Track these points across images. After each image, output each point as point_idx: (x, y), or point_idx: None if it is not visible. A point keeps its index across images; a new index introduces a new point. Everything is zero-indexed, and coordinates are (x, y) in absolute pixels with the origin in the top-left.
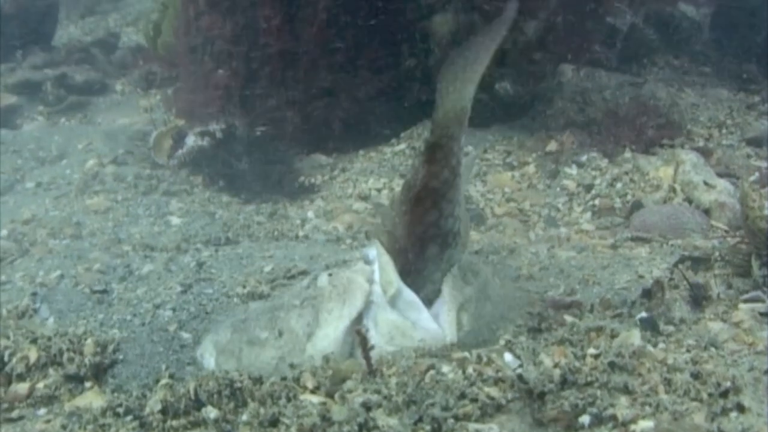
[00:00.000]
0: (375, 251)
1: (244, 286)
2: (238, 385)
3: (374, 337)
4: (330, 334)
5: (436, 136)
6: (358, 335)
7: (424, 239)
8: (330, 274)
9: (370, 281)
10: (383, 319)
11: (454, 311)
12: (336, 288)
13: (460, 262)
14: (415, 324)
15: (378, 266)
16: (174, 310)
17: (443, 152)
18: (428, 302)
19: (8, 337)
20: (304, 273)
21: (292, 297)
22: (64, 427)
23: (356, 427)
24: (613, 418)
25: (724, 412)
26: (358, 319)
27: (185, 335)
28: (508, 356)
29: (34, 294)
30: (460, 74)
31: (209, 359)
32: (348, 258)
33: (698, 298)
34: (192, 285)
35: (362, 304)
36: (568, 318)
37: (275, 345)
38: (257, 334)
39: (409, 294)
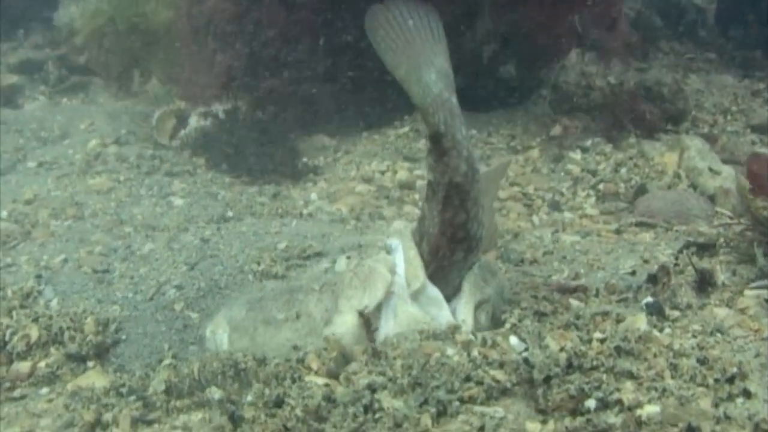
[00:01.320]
0: (398, 242)
1: (259, 264)
2: (243, 365)
3: (392, 328)
4: (348, 321)
5: (431, 127)
6: (361, 317)
7: (453, 242)
8: (348, 257)
9: (392, 272)
10: (403, 310)
11: (471, 307)
12: (357, 275)
13: (479, 262)
14: (435, 319)
15: (404, 259)
16: (179, 288)
17: (448, 140)
18: (447, 300)
19: (11, 317)
20: (319, 254)
21: (311, 280)
22: (66, 406)
23: (361, 409)
24: (619, 402)
25: (731, 397)
26: (377, 309)
27: (192, 315)
28: (513, 339)
29: (39, 276)
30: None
31: (222, 335)
32: (363, 242)
33: (704, 284)
34: (198, 262)
35: (382, 294)
36: (574, 302)
37: (292, 327)
38: (274, 315)
39: (433, 290)
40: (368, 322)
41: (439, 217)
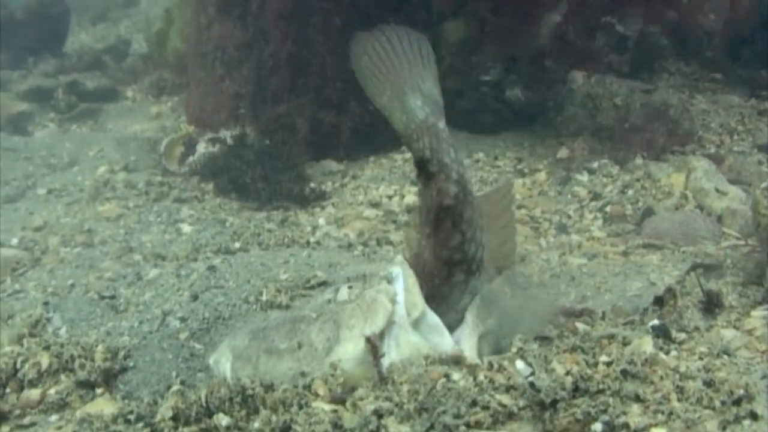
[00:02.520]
0: (399, 270)
1: (263, 294)
2: (250, 392)
3: (395, 357)
4: (350, 351)
5: (415, 153)
6: (368, 343)
7: (450, 265)
8: (350, 287)
9: (393, 302)
10: (405, 340)
11: (475, 338)
12: (359, 305)
13: (482, 292)
14: (437, 347)
15: (403, 287)
16: (183, 319)
17: (434, 165)
18: (450, 329)
19: (21, 345)
20: (324, 284)
21: (314, 309)
22: None
23: None
24: (626, 425)
25: (737, 420)
26: (380, 338)
27: (197, 345)
28: (519, 363)
29: (46, 303)
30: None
31: (225, 364)
32: (368, 271)
33: (711, 306)
34: (204, 292)
35: (384, 323)
36: (580, 325)
37: (293, 357)
38: (276, 344)
39: (433, 318)
40: (375, 348)
41: (431, 242)
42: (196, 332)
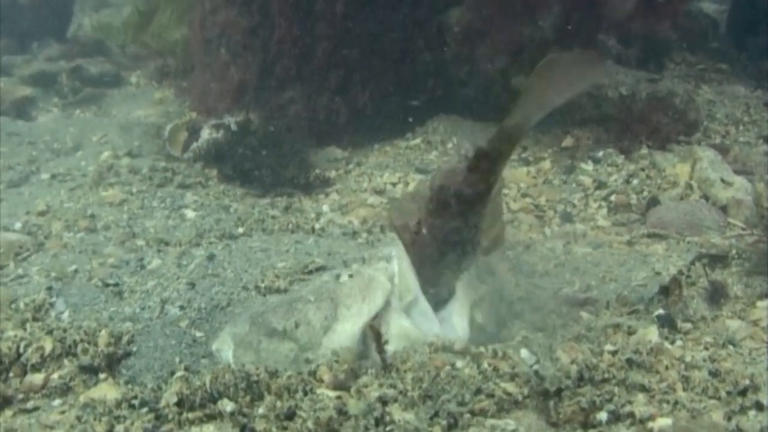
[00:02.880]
0: (395, 251)
1: (262, 280)
2: (255, 378)
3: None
4: (347, 330)
5: (491, 146)
6: (372, 331)
7: (444, 244)
8: (351, 276)
9: (392, 281)
10: (395, 323)
11: (467, 308)
12: (357, 284)
13: (474, 263)
14: (426, 334)
15: (398, 272)
16: (182, 308)
17: (489, 164)
18: (443, 302)
19: (24, 329)
20: (322, 269)
21: (311, 291)
22: (78, 418)
23: (372, 422)
24: (631, 415)
25: (743, 410)
26: (376, 317)
27: (198, 333)
28: (524, 352)
29: (50, 288)
30: (539, 96)
31: (227, 352)
32: (367, 255)
33: (716, 296)
34: (205, 278)
35: (382, 302)
36: (584, 315)
37: (292, 337)
38: (275, 326)
39: (424, 304)
40: (378, 334)
41: (435, 216)
42: (195, 320)
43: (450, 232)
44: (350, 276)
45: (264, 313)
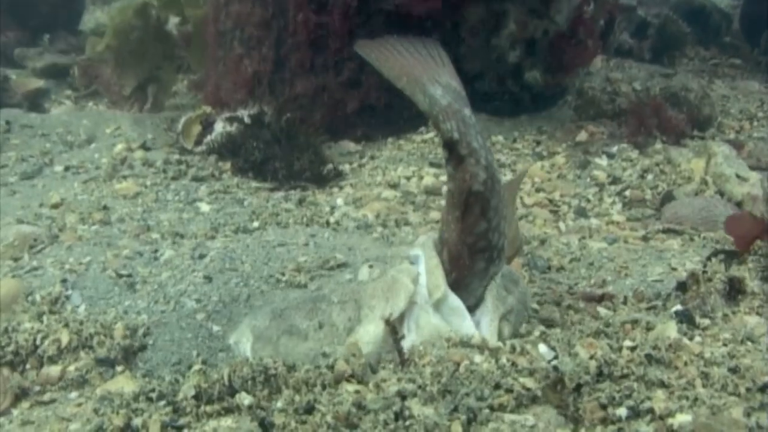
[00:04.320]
0: (420, 252)
1: (283, 274)
2: (273, 371)
3: (414, 339)
4: (371, 331)
5: (443, 133)
6: (387, 325)
7: (473, 251)
8: (371, 266)
9: (415, 282)
10: (425, 321)
11: (496, 320)
12: (380, 285)
13: (500, 272)
14: (457, 330)
15: (426, 269)
16: (199, 300)
17: (464, 147)
18: (469, 311)
19: (41, 321)
20: (343, 265)
21: (334, 290)
22: (96, 411)
23: (392, 416)
24: (651, 411)
25: (762, 407)
26: (400, 319)
27: (215, 327)
28: (542, 347)
29: (65, 281)
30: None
31: (245, 344)
32: (390, 254)
33: (733, 292)
34: (222, 272)
35: (405, 304)
36: (602, 310)
37: (314, 337)
38: (297, 324)
39: (454, 300)
40: (394, 329)
41: (459, 226)
42: (211, 313)
43: (479, 237)
44: (370, 269)
45: (286, 309)
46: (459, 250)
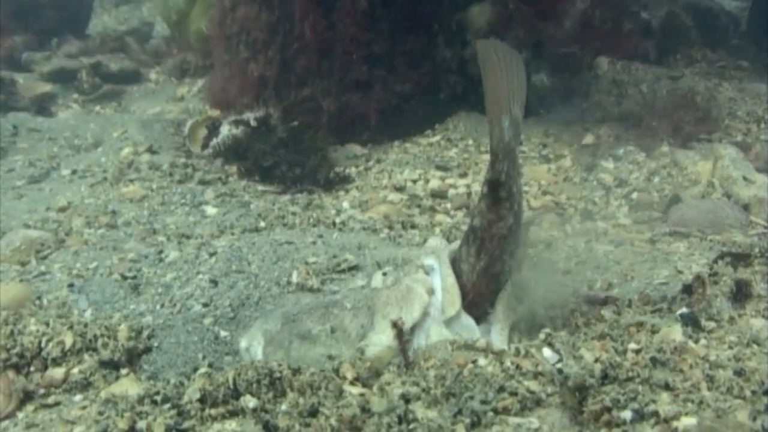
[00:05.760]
0: (435, 263)
1: (294, 276)
2: (278, 374)
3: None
4: (383, 340)
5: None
6: (394, 327)
7: (487, 288)
8: (384, 274)
9: (429, 293)
10: (437, 332)
11: (506, 330)
12: (394, 294)
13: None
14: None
15: (443, 287)
16: (206, 305)
17: (504, 191)
18: (479, 322)
19: (47, 324)
20: (355, 268)
21: (347, 296)
22: (100, 413)
23: (396, 419)
24: (655, 414)
25: None
26: (413, 329)
27: (222, 332)
28: (547, 350)
29: (71, 285)
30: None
31: (256, 347)
32: (401, 257)
33: (740, 295)
34: (231, 273)
35: (419, 314)
36: (606, 313)
37: (326, 342)
38: (309, 329)
39: (467, 319)
40: (401, 332)
41: (477, 265)
42: (219, 317)
43: (494, 276)
44: (384, 277)
45: (298, 314)
46: (474, 287)
